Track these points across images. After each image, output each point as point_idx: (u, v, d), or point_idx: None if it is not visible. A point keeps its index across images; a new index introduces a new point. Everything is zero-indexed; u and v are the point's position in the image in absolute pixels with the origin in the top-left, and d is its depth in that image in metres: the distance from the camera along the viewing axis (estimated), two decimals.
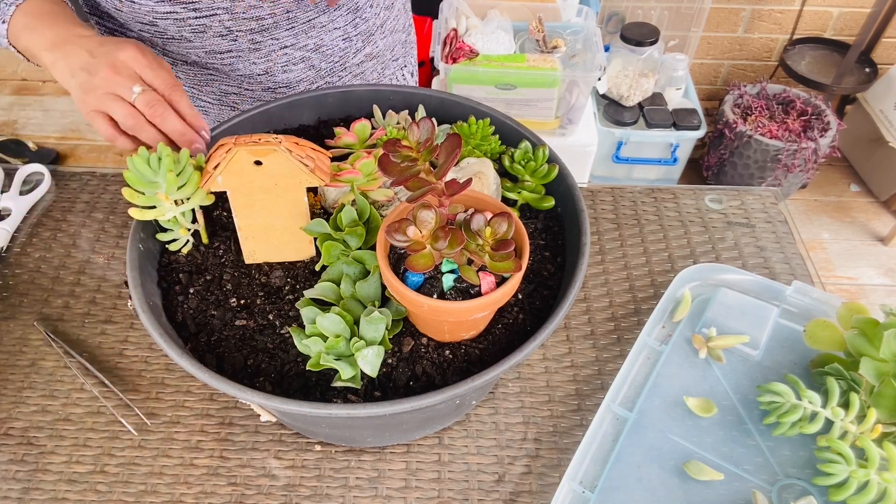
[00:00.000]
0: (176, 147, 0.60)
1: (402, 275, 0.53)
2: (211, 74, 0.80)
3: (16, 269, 0.80)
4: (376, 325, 0.52)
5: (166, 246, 0.62)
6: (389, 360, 0.55)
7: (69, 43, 0.60)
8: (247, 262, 0.62)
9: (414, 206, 0.49)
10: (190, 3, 0.68)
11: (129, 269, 0.57)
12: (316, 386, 0.55)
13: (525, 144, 0.68)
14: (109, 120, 0.59)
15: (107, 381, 0.69)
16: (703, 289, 0.73)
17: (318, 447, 0.65)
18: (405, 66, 0.96)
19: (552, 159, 0.67)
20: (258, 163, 0.55)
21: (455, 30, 1.53)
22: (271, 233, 0.60)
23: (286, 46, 0.76)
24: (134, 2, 0.67)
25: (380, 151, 0.54)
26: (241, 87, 0.82)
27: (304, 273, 0.61)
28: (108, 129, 0.59)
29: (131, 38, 0.73)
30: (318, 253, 0.60)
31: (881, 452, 0.55)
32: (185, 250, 0.62)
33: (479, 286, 0.51)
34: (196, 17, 0.69)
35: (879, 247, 2.00)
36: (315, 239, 0.61)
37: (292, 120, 0.74)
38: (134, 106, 0.58)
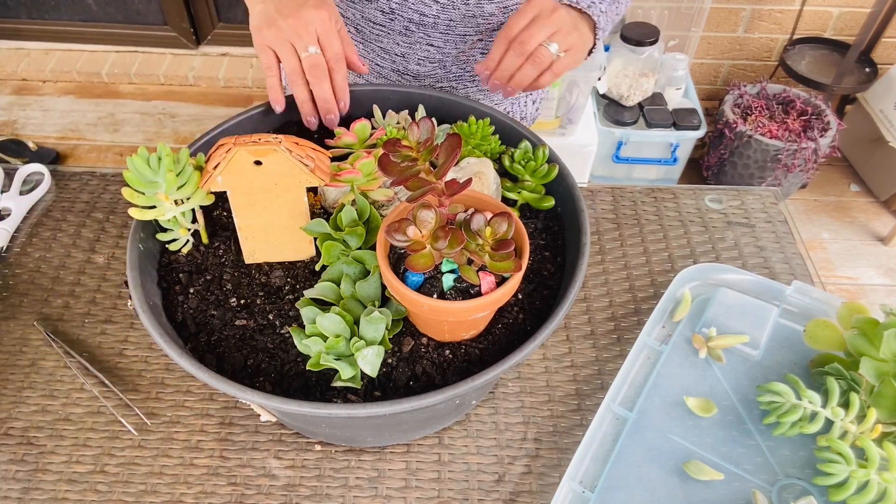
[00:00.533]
0: (316, 109, 0.68)
1: (402, 275, 0.53)
2: (352, 41, 0.80)
3: (16, 269, 0.80)
4: (376, 324, 0.52)
5: (166, 246, 0.62)
6: (389, 360, 0.55)
7: None
8: (247, 262, 0.62)
9: (414, 206, 0.49)
10: None
11: (129, 269, 0.57)
12: (316, 386, 0.55)
13: (525, 144, 0.68)
14: (276, 61, 0.65)
15: (107, 381, 0.69)
16: (703, 289, 0.73)
17: (318, 447, 0.65)
18: (530, 94, 0.96)
19: (552, 159, 0.67)
20: (258, 163, 0.55)
21: None
22: (271, 233, 0.60)
23: (432, 45, 0.79)
24: None
25: (380, 151, 0.54)
26: (373, 61, 0.84)
27: (304, 273, 0.61)
28: (273, 67, 0.66)
29: None
30: (318, 253, 0.60)
31: (881, 452, 0.55)
32: (185, 250, 0.62)
33: (479, 286, 0.51)
34: None
35: (879, 247, 2.00)
36: (315, 239, 0.61)
37: (293, 119, 0.74)
38: (300, 62, 0.65)
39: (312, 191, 0.64)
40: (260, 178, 0.56)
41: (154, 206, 0.57)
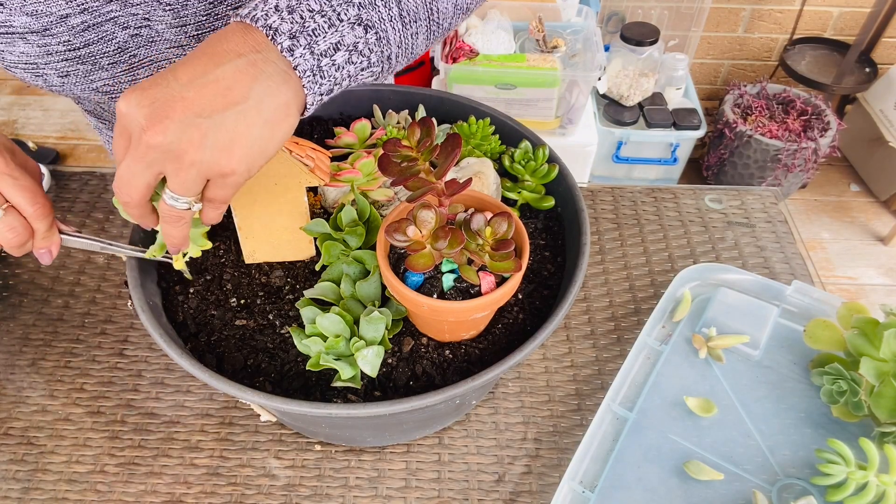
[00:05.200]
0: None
1: (402, 275, 0.53)
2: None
3: (16, 269, 0.80)
4: (376, 324, 0.52)
5: None
6: (389, 360, 0.55)
7: None
8: (247, 262, 0.62)
9: (414, 206, 0.49)
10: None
11: (128, 269, 0.57)
12: (316, 386, 0.55)
13: (525, 144, 0.68)
14: None
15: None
16: (703, 289, 0.73)
17: (318, 447, 0.65)
18: None
19: (552, 159, 0.67)
20: None
21: (455, 29, 1.53)
22: (271, 233, 0.60)
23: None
24: None
25: (380, 151, 0.54)
26: None
27: (304, 273, 0.61)
28: None
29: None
30: (318, 253, 0.60)
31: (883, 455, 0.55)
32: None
33: (479, 286, 0.51)
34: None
35: (879, 247, 2.00)
36: (315, 239, 0.61)
37: None
38: None
39: (312, 191, 0.64)
40: (260, 178, 0.56)
41: None
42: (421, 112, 0.73)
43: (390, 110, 0.73)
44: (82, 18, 0.54)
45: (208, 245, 0.57)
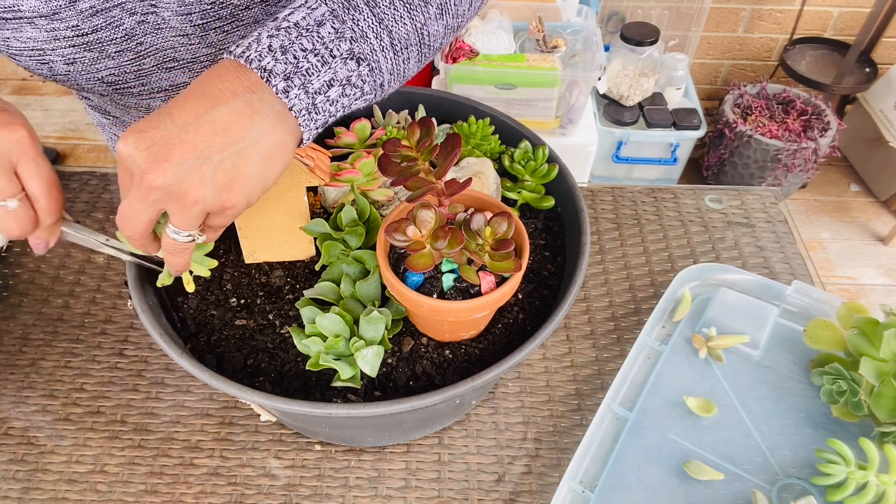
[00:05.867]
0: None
1: (402, 274, 0.53)
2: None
3: (16, 269, 0.80)
4: (376, 324, 0.52)
5: None
6: (389, 360, 0.55)
7: None
8: (247, 261, 0.62)
9: (414, 205, 0.49)
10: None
11: (128, 269, 0.57)
12: (316, 386, 0.55)
13: (525, 144, 0.68)
14: None
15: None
16: (703, 289, 0.73)
17: (318, 447, 0.65)
18: None
19: (552, 159, 0.67)
20: None
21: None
22: (271, 232, 0.60)
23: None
24: None
25: (380, 151, 0.54)
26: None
27: (304, 273, 0.61)
28: None
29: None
30: (318, 253, 0.60)
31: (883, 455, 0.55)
32: None
33: (479, 286, 0.51)
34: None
35: (879, 247, 2.00)
36: (315, 239, 0.61)
37: None
38: None
39: (312, 191, 0.64)
40: None
41: None
42: (421, 112, 0.73)
43: (390, 110, 0.73)
44: (91, 3, 0.55)
45: (214, 263, 0.58)
